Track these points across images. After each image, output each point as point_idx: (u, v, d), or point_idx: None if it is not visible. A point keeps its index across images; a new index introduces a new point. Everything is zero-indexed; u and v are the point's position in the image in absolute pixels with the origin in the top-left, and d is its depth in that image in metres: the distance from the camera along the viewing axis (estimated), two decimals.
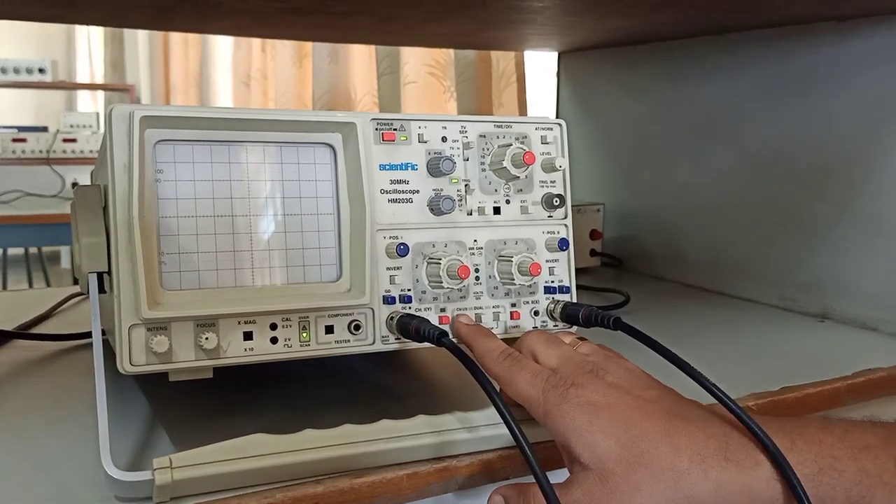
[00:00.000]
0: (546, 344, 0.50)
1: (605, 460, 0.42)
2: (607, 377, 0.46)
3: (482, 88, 1.64)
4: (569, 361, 0.48)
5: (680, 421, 0.44)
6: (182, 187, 0.49)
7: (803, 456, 0.44)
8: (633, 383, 0.47)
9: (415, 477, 0.50)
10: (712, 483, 0.41)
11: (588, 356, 0.49)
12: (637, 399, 0.45)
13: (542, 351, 0.49)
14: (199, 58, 3.61)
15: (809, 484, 0.43)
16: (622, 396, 0.45)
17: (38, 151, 3.52)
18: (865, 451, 0.44)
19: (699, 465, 0.42)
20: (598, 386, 0.45)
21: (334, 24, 0.95)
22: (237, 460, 0.45)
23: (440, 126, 0.55)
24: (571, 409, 0.44)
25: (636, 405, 0.44)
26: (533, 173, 0.57)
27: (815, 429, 0.45)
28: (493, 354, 0.49)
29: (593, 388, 0.45)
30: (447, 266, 0.52)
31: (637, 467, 0.42)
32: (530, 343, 0.50)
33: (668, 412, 0.44)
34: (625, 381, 0.47)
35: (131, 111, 0.46)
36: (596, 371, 0.47)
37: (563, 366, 0.47)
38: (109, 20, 1.07)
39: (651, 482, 0.41)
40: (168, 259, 0.48)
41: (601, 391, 0.45)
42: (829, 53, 0.88)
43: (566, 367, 0.47)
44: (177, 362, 0.47)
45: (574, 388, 0.45)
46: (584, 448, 0.43)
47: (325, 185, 0.52)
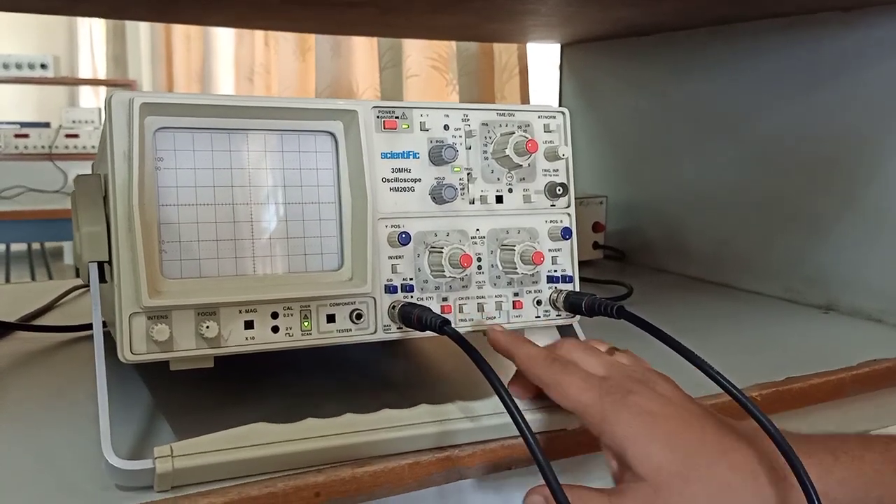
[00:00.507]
0: (586, 352, 0.49)
1: (661, 472, 0.42)
2: (657, 387, 0.46)
3: (485, 81, 1.63)
4: (617, 369, 0.47)
5: (734, 438, 0.44)
6: (182, 175, 0.48)
7: (848, 472, 0.44)
8: (680, 396, 0.47)
9: (417, 466, 0.49)
10: (761, 501, 0.41)
11: (631, 366, 0.49)
12: (689, 412, 0.45)
13: (584, 359, 0.48)
14: (201, 52, 3.61)
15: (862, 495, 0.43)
16: (676, 408, 0.44)
17: (40, 147, 3.52)
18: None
19: (752, 482, 0.42)
20: (652, 395, 0.45)
21: (336, 16, 0.95)
22: (238, 449, 0.45)
23: (442, 114, 0.54)
24: (630, 417, 0.43)
25: (690, 419, 0.44)
26: (536, 162, 0.56)
27: (856, 444, 0.45)
28: (539, 360, 0.48)
29: (648, 398, 0.44)
30: (449, 255, 0.52)
31: (693, 482, 0.41)
32: (568, 350, 0.49)
33: (720, 427, 0.44)
34: (672, 393, 0.47)
35: (131, 98, 0.46)
36: (646, 381, 0.46)
37: (614, 373, 0.47)
38: (111, 12, 1.07)
39: (705, 498, 0.41)
40: (168, 247, 0.48)
41: (656, 401, 0.44)
42: (834, 44, 0.88)
43: (617, 375, 0.46)
44: (178, 351, 0.47)
45: (632, 396, 0.44)
46: (642, 458, 0.42)
47: (326, 173, 0.52)
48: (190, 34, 3.82)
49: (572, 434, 0.55)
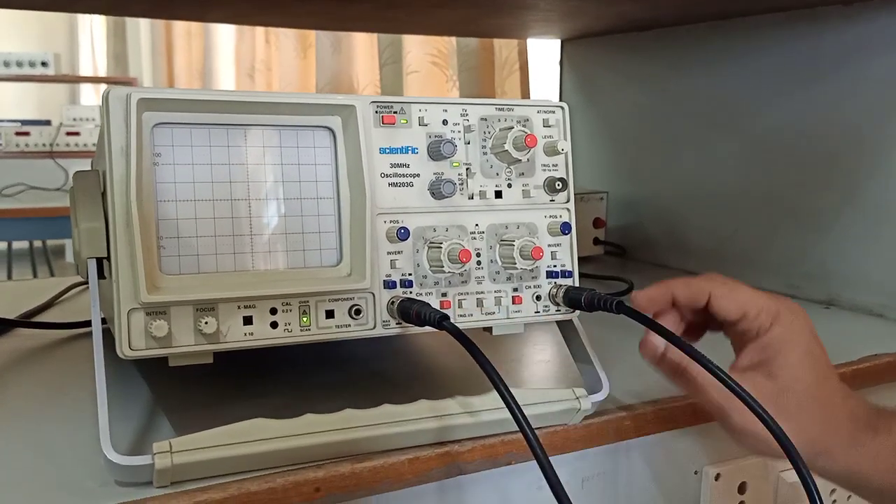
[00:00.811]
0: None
1: (798, 383, 0.48)
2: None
3: (485, 77, 1.63)
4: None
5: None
6: (180, 171, 0.48)
7: (883, 448, 0.47)
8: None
9: (416, 462, 0.49)
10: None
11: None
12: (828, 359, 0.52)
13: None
14: (202, 49, 3.60)
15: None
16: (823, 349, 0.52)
17: (41, 145, 3.52)
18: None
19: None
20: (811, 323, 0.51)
21: (335, 11, 0.95)
22: (237, 445, 0.45)
23: (441, 109, 0.54)
24: (801, 326, 0.49)
25: (830, 365, 0.51)
26: (535, 156, 0.56)
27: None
28: (705, 276, 0.51)
29: (810, 323, 0.51)
30: (448, 250, 0.52)
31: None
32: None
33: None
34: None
35: (128, 93, 0.46)
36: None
37: (778, 295, 0.51)
38: (110, 8, 1.06)
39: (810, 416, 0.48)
40: (167, 243, 0.48)
41: (814, 329, 0.51)
42: (835, 38, 0.87)
43: (782, 296, 0.51)
44: (176, 347, 0.47)
45: (801, 315, 0.50)
46: (796, 364, 0.48)
47: (324, 168, 0.52)
48: (191, 31, 3.82)
49: (572, 429, 0.55)
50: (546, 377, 0.67)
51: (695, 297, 0.50)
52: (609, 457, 0.59)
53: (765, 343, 0.48)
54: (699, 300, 0.50)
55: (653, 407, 0.58)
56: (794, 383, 0.47)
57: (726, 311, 0.49)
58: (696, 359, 0.49)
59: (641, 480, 0.61)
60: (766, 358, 0.47)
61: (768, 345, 0.47)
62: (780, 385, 0.47)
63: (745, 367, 0.48)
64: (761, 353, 0.48)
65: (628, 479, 0.60)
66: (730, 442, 0.64)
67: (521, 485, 0.55)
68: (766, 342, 0.48)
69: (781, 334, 0.47)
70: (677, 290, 0.50)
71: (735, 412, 0.47)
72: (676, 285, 0.51)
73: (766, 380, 0.47)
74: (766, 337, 0.47)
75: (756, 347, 0.48)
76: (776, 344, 0.47)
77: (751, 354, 0.48)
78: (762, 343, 0.48)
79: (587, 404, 0.54)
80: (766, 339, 0.47)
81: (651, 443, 0.60)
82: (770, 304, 0.48)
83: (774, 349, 0.47)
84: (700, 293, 0.49)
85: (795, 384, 0.47)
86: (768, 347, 0.47)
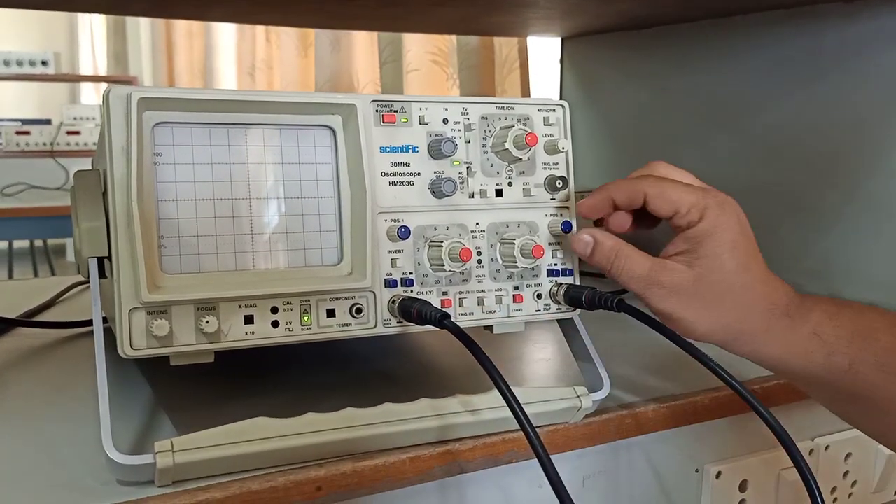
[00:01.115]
0: (680, 172, 0.55)
1: (721, 273, 0.51)
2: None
3: (485, 75, 1.63)
4: (711, 188, 0.54)
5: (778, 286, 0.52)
6: (181, 170, 0.48)
7: (845, 320, 0.50)
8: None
9: (417, 461, 0.49)
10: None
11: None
12: (756, 249, 0.53)
13: (681, 176, 0.54)
14: (203, 48, 3.60)
15: (844, 343, 0.50)
16: (751, 238, 0.53)
17: (41, 144, 3.52)
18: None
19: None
20: (740, 212, 0.53)
21: (335, 9, 0.94)
22: (239, 444, 0.45)
23: (441, 108, 0.54)
24: (727, 217, 0.51)
25: (757, 254, 0.53)
26: (535, 155, 0.56)
27: (862, 306, 0.52)
28: (636, 178, 0.53)
29: (739, 212, 0.53)
30: (449, 249, 0.52)
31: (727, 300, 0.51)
32: (657, 168, 0.55)
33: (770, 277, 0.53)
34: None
35: (129, 93, 0.46)
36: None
37: (710, 188, 0.53)
38: (111, 7, 1.06)
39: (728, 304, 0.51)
40: (168, 242, 0.48)
41: (744, 220, 0.53)
42: (836, 35, 0.87)
43: (713, 189, 0.53)
44: (177, 346, 0.47)
45: (728, 204, 0.52)
46: (718, 253, 0.50)
47: (325, 167, 0.52)
48: (192, 30, 3.82)
49: (573, 427, 0.55)
50: (547, 375, 0.67)
51: (632, 199, 0.52)
52: (610, 455, 0.59)
53: (690, 235, 0.50)
54: (636, 201, 0.52)
55: (654, 405, 0.58)
56: (711, 273, 0.49)
57: (659, 210, 0.51)
58: (694, 354, 0.50)
59: (642, 478, 0.61)
60: (690, 248, 0.50)
61: (693, 236, 0.50)
62: (697, 273, 0.50)
63: (670, 255, 0.51)
64: (686, 243, 0.51)
65: (629, 477, 0.60)
66: (731, 440, 0.64)
67: (523, 483, 0.55)
68: (691, 234, 0.50)
69: (705, 227, 0.50)
70: (616, 194, 0.53)
71: (654, 299, 0.50)
72: (615, 190, 0.53)
73: (686, 268, 0.50)
74: (693, 230, 0.50)
75: (682, 238, 0.51)
76: (700, 236, 0.50)
77: (677, 244, 0.51)
78: (687, 235, 0.50)
79: (588, 403, 0.54)
80: (692, 231, 0.50)
81: (652, 441, 0.60)
82: (699, 200, 0.50)
83: (698, 240, 0.50)
84: (636, 195, 0.52)
85: (712, 274, 0.49)
86: (692, 239, 0.50)
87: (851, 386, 0.50)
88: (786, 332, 0.50)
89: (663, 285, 0.50)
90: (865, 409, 0.52)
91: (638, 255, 0.51)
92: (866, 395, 0.50)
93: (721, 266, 0.50)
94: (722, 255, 0.50)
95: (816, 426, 0.69)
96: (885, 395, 0.49)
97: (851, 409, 0.54)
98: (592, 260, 0.53)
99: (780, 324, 0.50)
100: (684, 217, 0.50)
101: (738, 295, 0.50)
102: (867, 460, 0.72)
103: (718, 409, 0.61)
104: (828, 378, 0.50)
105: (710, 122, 1.03)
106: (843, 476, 0.71)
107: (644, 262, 0.51)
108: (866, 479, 0.73)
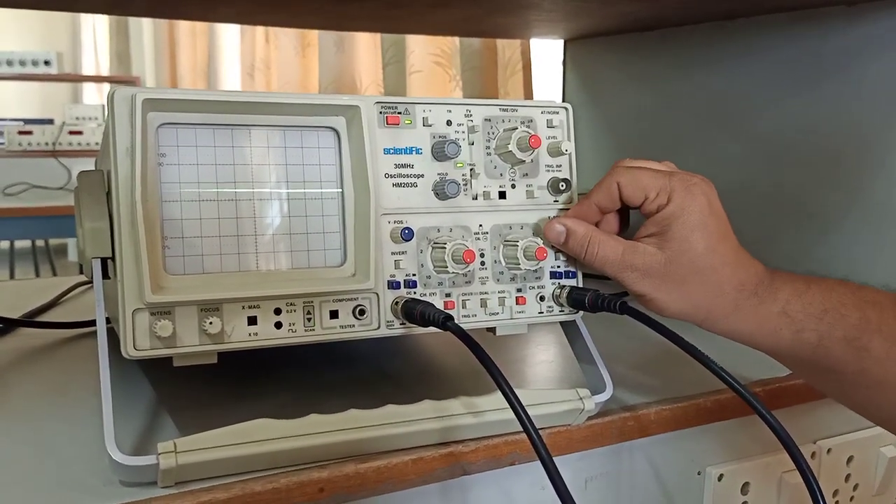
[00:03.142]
0: (649, 161, 0.55)
1: (689, 255, 0.52)
2: (711, 192, 0.55)
3: (488, 77, 1.63)
4: (680, 171, 0.55)
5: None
6: (185, 171, 0.48)
7: (814, 297, 0.52)
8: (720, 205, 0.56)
9: (420, 462, 0.49)
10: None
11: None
12: (727, 227, 0.55)
13: (649, 164, 0.55)
14: (206, 48, 3.60)
15: (813, 320, 0.51)
16: (721, 218, 0.54)
17: (44, 144, 3.53)
18: (873, 304, 0.51)
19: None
20: (710, 191, 0.54)
21: (339, 11, 0.95)
22: (242, 445, 0.45)
23: (445, 110, 0.54)
24: (692, 198, 0.52)
25: (728, 233, 0.54)
26: (539, 157, 0.56)
27: (833, 282, 0.53)
28: (608, 174, 0.54)
29: (707, 192, 0.53)
30: (452, 251, 0.52)
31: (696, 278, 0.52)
32: (632, 161, 0.55)
33: (741, 256, 0.55)
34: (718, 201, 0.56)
35: (133, 94, 0.46)
36: (703, 181, 0.54)
37: (678, 171, 0.54)
38: (113, 8, 1.06)
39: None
40: (171, 243, 0.48)
41: (714, 198, 0.54)
42: (838, 39, 0.87)
43: (681, 171, 0.54)
44: (181, 347, 0.47)
45: (695, 186, 0.53)
46: (686, 235, 0.52)
47: (329, 169, 0.52)
48: (195, 30, 3.82)
49: (575, 429, 0.55)
50: (549, 377, 0.67)
51: (612, 197, 0.54)
52: (612, 457, 0.59)
53: (659, 218, 0.52)
54: (614, 195, 0.54)
55: (656, 407, 0.58)
56: (679, 255, 0.51)
57: (632, 198, 0.53)
58: (696, 356, 0.50)
59: (645, 481, 0.61)
60: (659, 231, 0.52)
61: (662, 219, 0.52)
62: (667, 255, 0.51)
63: (641, 237, 0.53)
64: (656, 226, 0.52)
65: (631, 479, 0.60)
66: (733, 442, 0.64)
67: (525, 485, 0.55)
68: (660, 217, 0.52)
69: (673, 210, 0.51)
70: (599, 198, 0.54)
71: (628, 281, 0.52)
72: (594, 193, 0.54)
73: (656, 250, 0.51)
74: (661, 213, 0.52)
75: (653, 221, 0.52)
76: (668, 219, 0.51)
77: (648, 227, 0.53)
78: (657, 218, 0.52)
79: (591, 405, 0.54)
80: (661, 214, 0.52)
81: (654, 443, 0.60)
82: (666, 183, 0.52)
83: (666, 223, 0.51)
84: (611, 189, 0.53)
85: (681, 256, 0.51)
86: (661, 222, 0.52)
87: (823, 361, 0.52)
88: (754, 311, 0.52)
89: (636, 268, 0.52)
90: (838, 382, 0.53)
91: (610, 240, 0.53)
92: (838, 369, 0.51)
93: (689, 247, 0.51)
94: (690, 237, 0.51)
95: (818, 429, 0.69)
96: (854, 368, 0.51)
97: (825, 383, 0.56)
98: (566, 248, 0.55)
99: (749, 303, 0.52)
100: (653, 202, 0.52)
101: (706, 275, 0.51)
102: (869, 463, 0.72)
103: (720, 412, 0.61)
104: (798, 354, 0.52)
105: (713, 124, 1.03)
106: (846, 479, 0.71)
107: (616, 247, 0.52)
108: (868, 482, 0.73)
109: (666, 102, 1.10)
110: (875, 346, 0.50)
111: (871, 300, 0.52)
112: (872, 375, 0.50)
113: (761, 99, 0.96)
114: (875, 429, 0.61)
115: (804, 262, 0.92)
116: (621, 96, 1.18)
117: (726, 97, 1.01)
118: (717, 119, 1.02)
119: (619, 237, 0.54)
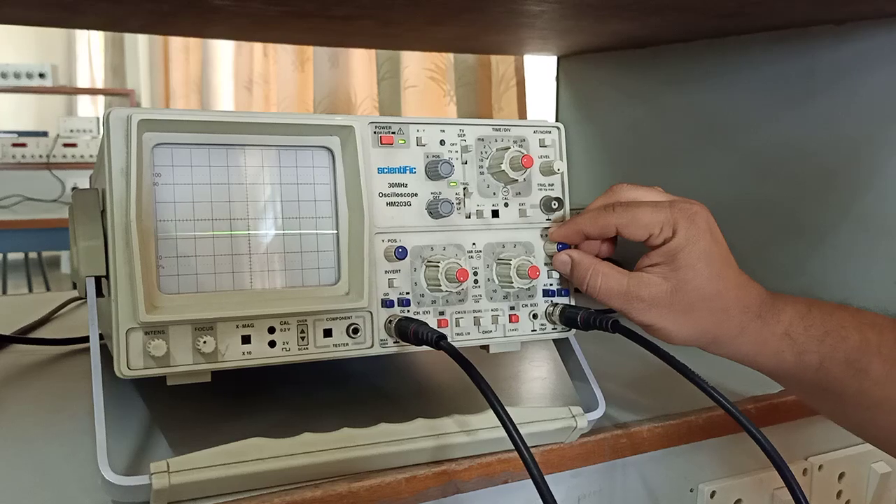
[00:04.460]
0: (645, 189, 0.56)
1: (692, 285, 0.53)
2: (711, 219, 0.56)
3: (482, 93, 1.64)
4: (678, 198, 0.55)
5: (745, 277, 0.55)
6: (180, 191, 0.49)
7: (815, 319, 0.52)
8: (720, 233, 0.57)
9: (413, 480, 0.49)
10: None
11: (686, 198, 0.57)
12: (729, 256, 0.55)
13: (645, 195, 0.55)
14: (199, 62, 3.61)
15: (815, 342, 0.52)
16: (723, 246, 0.55)
17: (38, 156, 3.52)
18: (872, 326, 0.52)
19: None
20: (710, 220, 0.54)
21: (334, 28, 0.95)
22: (235, 464, 0.45)
23: (438, 129, 0.54)
24: (697, 230, 0.53)
25: (730, 259, 0.55)
26: (531, 176, 0.57)
27: (832, 306, 0.54)
28: (602, 211, 0.54)
29: (709, 220, 0.54)
30: (446, 269, 0.52)
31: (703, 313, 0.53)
32: (626, 193, 0.56)
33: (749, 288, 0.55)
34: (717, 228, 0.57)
35: (129, 114, 0.46)
36: (702, 209, 0.55)
37: (677, 199, 0.55)
38: (109, 25, 1.07)
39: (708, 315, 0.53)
40: (166, 263, 0.48)
41: (715, 228, 0.54)
42: (828, 56, 0.88)
43: (680, 199, 0.54)
44: (175, 366, 0.47)
45: (698, 216, 0.53)
46: (691, 265, 0.52)
47: (323, 188, 0.52)
48: (188, 44, 3.83)
49: (568, 447, 0.55)
50: (542, 395, 0.68)
51: (603, 231, 0.54)
52: (605, 474, 0.59)
53: (665, 250, 0.52)
54: (608, 233, 0.54)
55: (648, 425, 0.58)
56: (686, 283, 0.52)
57: (634, 236, 0.53)
58: (687, 375, 0.50)
59: (637, 498, 0.61)
60: (665, 261, 0.52)
61: (667, 251, 0.52)
62: (673, 285, 0.52)
63: (645, 266, 0.54)
64: (662, 257, 0.53)
65: (624, 496, 0.61)
66: (726, 459, 0.64)
67: (519, 503, 0.55)
68: (665, 249, 0.52)
69: (679, 242, 0.52)
70: (586, 228, 0.55)
71: (634, 312, 0.53)
72: (585, 224, 0.55)
73: (662, 280, 0.52)
74: (668, 245, 0.52)
75: (658, 253, 0.53)
76: (673, 250, 0.52)
77: (652, 258, 0.53)
78: (663, 250, 0.53)
79: (583, 422, 0.54)
80: (667, 247, 0.52)
81: (647, 460, 0.60)
82: (668, 217, 0.52)
83: (672, 254, 0.52)
84: (607, 228, 0.54)
85: (687, 284, 0.52)
86: (667, 253, 0.52)
87: (822, 382, 0.52)
88: (758, 333, 0.52)
89: (642, 299, 0.52)
90: (837, 403, 0.54)
91: (614, 273, 0.53)
92: (837, 390, 0.52)
93: (695, 276, 0.52)
94: (696, 266, 0.52)
95: (810, 446, 0.69)
96: (854, 390, 0.51)
97: (824, 404, 0.56)
98: (571, 278, 0.55)
99: (753, 325, 0.52)
100: (658, 237, 0.52)
101: (712, 301, 0.52)
102: (860, 480, 0.72)
103: (712, 429, 0.61)
104: (799, 375, 0.53)
105: (705, 140, 1.04)
106: (837, 496, 0.71)
107: (621, 279, 0.53)
108: (859, 498, 0.73)
109: (658, 118, 1.11)
110: (875, 368, 0.51)
111: (871, 322, 0.52)
112: (872, 397, 0.51)
113: (753, 115, 0.97)
114: (866, 444, 0.61)
115: (797, 276, 0.93)
116: (614, 112, 1.19)
117: (718, 113, 1.02)
118: (710, 135, 1.03)
119: (623, 269, 0.54)
